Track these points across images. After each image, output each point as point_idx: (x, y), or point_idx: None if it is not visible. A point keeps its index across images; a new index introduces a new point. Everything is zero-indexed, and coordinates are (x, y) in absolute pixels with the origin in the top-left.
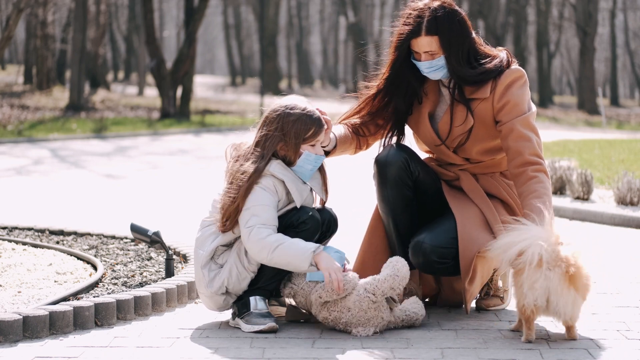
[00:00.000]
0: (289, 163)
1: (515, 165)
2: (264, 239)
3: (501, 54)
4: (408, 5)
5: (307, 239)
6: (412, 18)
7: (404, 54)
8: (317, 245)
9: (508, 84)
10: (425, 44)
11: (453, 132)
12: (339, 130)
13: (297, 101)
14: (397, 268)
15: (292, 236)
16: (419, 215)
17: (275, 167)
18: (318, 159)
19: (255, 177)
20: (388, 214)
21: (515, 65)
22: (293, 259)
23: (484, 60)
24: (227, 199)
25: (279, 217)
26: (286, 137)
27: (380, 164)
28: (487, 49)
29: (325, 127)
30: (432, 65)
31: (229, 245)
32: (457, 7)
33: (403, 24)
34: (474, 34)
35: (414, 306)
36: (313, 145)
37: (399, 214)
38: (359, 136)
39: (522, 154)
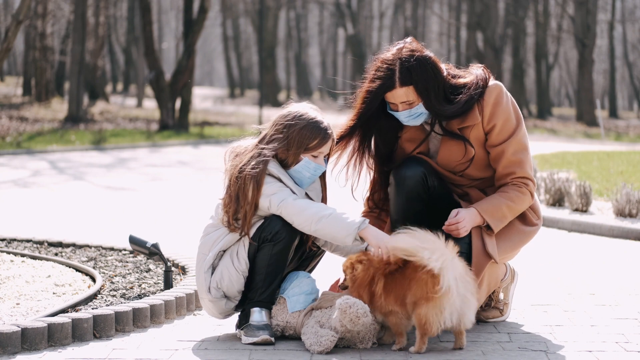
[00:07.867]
0: (285, 166)
1: (501, 184)
2: (305, 209)
3: (476, 71)
4: (375, 57)
5: (285, 249)
6: (383, 71)
7: (376, 107)
8: (362, 219)
9: (493, 103)
10: (401, 94)
11: (456, 167)
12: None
13: (307, 110)
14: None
15: (270, 249)
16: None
17: (272, 165)
18: (318, 169)
19: (260, 173)
20: (398, 222)
21: (492, 81)
22: (337, 232)
23: (462, 92)
24: (228, 199)
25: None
26: (289, 143)
27: (399, 176)
28: (458, 78)
29: (331, 139)
30: (412, 114)
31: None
32: (426, 51)
33: (373, 78)
34: (444, 68)
35: None
36: (315, 157)
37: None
38: (381, 211)
39: (509, 176)
